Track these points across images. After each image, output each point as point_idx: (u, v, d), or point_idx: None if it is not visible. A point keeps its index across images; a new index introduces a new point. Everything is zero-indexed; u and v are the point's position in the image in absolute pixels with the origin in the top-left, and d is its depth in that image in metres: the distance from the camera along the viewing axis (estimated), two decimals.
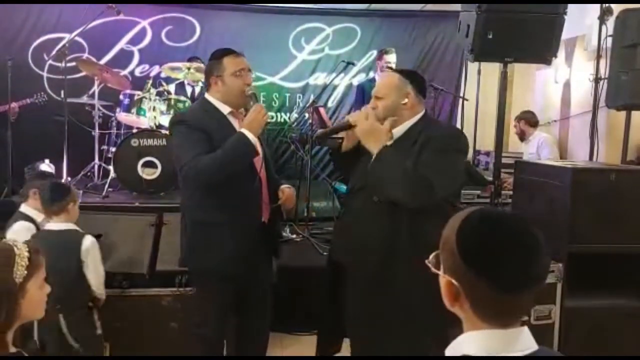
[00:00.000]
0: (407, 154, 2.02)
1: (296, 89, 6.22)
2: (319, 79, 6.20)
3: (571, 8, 3.20)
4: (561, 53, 4.88)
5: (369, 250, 2.08)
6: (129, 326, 3.03)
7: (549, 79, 5.61)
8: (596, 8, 3.98)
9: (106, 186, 4.30)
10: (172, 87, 5.09)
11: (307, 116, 5.40)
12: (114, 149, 4.56)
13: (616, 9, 3.84)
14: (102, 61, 5.52)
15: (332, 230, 4.57)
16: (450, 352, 1.03)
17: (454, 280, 0.99)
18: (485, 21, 3.10)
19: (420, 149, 2.02)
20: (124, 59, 5.76)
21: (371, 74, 5.73)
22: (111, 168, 4.41)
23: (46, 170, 4.49)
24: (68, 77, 4.67)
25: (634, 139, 4.00)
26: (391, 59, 5.04)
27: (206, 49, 5.68)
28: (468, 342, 1.00)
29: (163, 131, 4.42)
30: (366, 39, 6.19)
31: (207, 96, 2.41)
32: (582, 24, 4.69)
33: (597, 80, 4.02)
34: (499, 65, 3.30)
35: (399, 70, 2.29)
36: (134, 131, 4.55)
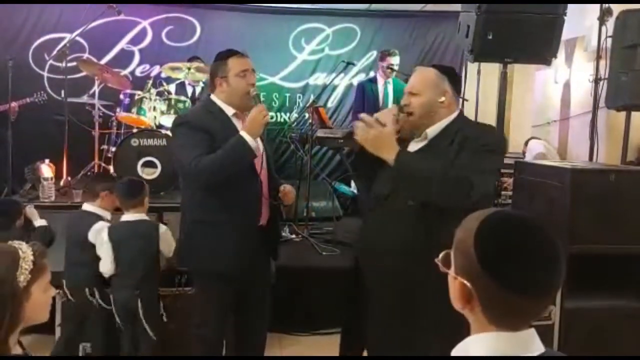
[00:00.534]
0: (443, 154, 1.94)
1: (296, 89, 6.22)
2: (319, 79, 6.21)
3: (571, 9, 3.20)
4: (561, 54, 4.88)
5: (399, 256, 1.96)
6: None
7: (548, 79, 5.61)
8: (596, 9, 3.98)
9: None
10: (172, 87, 5.10)
11: (307, 116, 5.40)
12: (114, 149, 4.56)
13: (616, 10, 3.85)
14: (103, 61, 5.52)
15: (332, 230, 4.61)
16: (456, 353, 1.01)
17: (467, 282, 0.97)
18: (485, 22, 3.10)
19: (459, 149, 1.94)
20: (124, 59, 5.76)
21: (371, 74, 5.73)
22: (111, 168, 4.41)
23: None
24: (68, 77, 4.68)
25: (633, 139, 3.99)
26: (395, 61, 5.04)
27: (206, 49, 5.69)
28: (475, 344, 0.98)
29: (163, 131, 4.42)
30: (366, 39, 6.20)
31: (213, 97, 2.41)
32: (582, 24, 4.69)
33: (596, 80, 4.01)
34: (498, 65, 3.28)
35: (436, 66, 2.15)
36: (134, 131, 4.56)
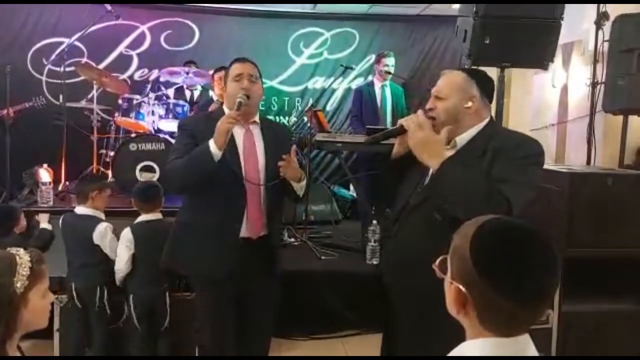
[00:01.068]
0: (475, 164, 1.78)
1: (295, 93, 6.25)
2: (317, 83, 6.23)
3: (568, 13, 3.21)
4: (558, 57, 4.88)
5: (425, 271, 1.85)
6: None
7: (546, 83, 5.62)
8: (593, 13, 3.99)
9: None
10: (171, 92, 5.11)
11: (305, 120, 5.41)
12: (112, 153, 4.57)
13: (612, 14, 3.86)
14: (101, 65, 5.54)
15: (331, 234, 4.62)
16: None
17: (462, 287, 0.97)
18: (482, 26, 3.11)
19: (492, 161, 1.78)
20: (123, 63, 5.78)
21: (369, 78, 5.75)
22: (109, 172, 4.41)
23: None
24: (67, 81, 4.70)
25: (631, 143, 4.00)
26: (389, 62, 5.05)
27: (205, 53, 5.72)
28: (470, 349, 0.99)
29: (161, 135, 4.43)
30: (364, 43, 6.23)
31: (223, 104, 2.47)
32: (579, 29, 4.70)
33: (594, 84, 4.03)
34: (496, 69, 3.29)
35: (465, 69, 2.02)
36: (133, 135, 4.56)
